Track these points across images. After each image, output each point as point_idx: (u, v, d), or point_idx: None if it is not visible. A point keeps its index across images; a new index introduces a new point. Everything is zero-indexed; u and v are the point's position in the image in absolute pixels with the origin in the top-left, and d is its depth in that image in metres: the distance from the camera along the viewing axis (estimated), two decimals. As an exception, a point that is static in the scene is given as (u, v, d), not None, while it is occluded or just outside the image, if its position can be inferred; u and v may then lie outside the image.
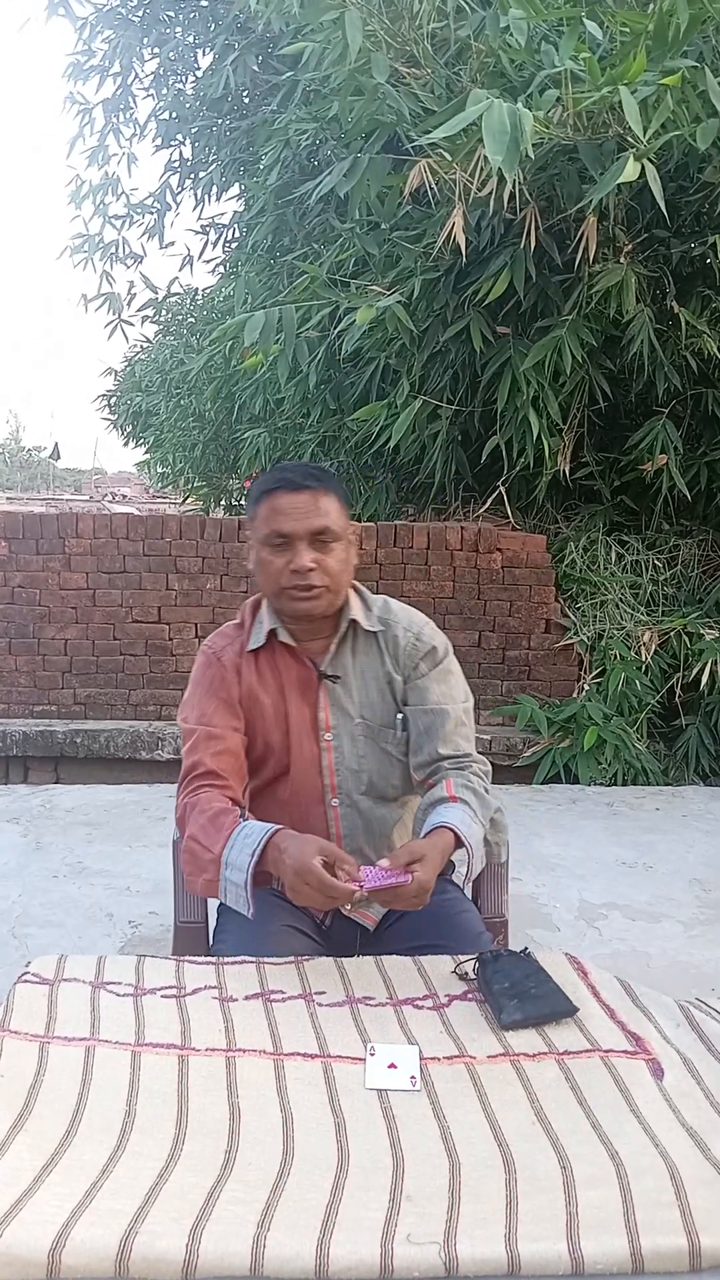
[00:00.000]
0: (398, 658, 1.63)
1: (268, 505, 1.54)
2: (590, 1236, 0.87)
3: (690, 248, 4.49)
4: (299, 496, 1.52)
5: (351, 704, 1.63)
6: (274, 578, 1.54)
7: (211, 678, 1.63)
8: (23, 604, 4.83)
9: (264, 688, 1.62)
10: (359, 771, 1.63)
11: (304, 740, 1.62)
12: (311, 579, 1.52)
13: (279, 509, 1.52)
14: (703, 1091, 1.09)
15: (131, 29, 6.46)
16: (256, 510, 1.56)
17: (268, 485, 1.56)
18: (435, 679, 1.63)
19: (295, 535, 1.52)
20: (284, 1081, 1.10)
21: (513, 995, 1.23)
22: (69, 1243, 0.85)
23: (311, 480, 1.54)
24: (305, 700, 1.62)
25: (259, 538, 1.56)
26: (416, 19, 4.01)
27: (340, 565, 1.56)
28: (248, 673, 1.62)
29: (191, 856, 1.47)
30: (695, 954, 2.87)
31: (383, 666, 1.63)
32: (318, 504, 1.53)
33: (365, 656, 1.64)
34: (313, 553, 1.53)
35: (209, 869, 1.43)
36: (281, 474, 1.56)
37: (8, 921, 2.94)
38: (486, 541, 4.94)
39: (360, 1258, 0.85)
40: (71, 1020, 1.20)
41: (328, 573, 1.54)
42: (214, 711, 1.60)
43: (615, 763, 4.57)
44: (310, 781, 1.63)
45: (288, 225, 5.72)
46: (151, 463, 12.93)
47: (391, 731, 1.64)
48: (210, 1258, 0.85)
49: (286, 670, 1.63)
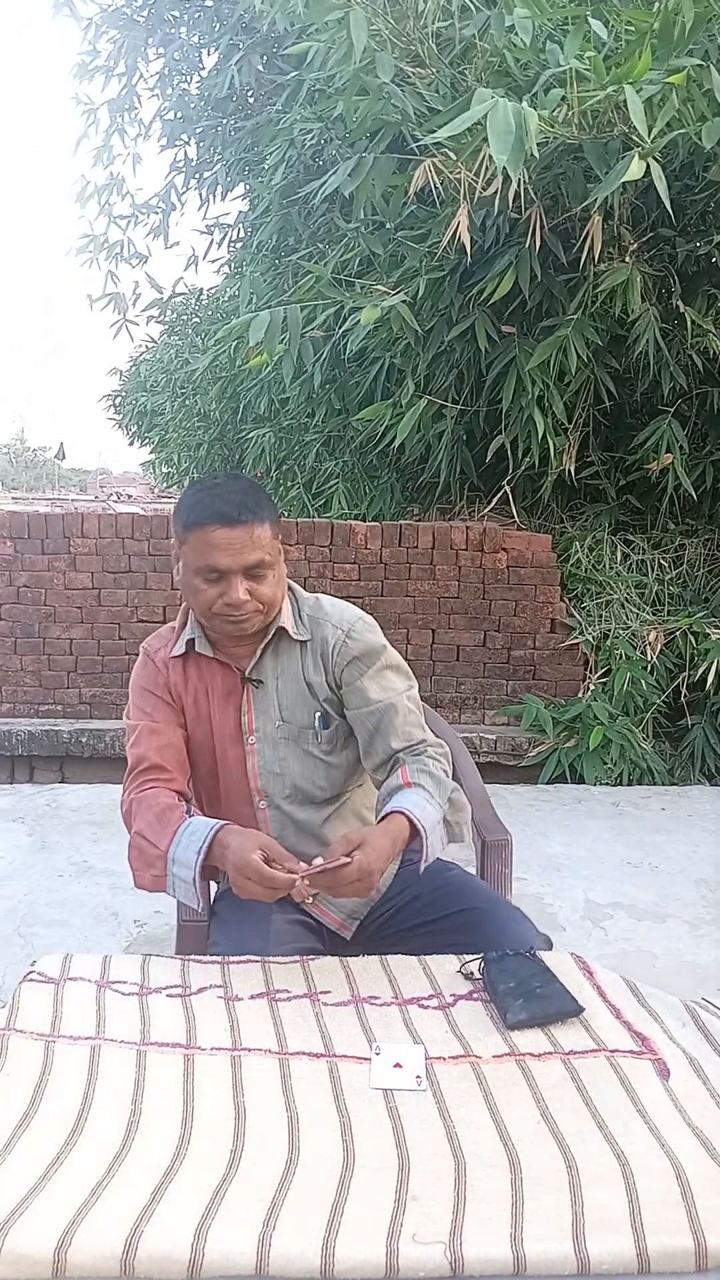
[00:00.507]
0: (326, 656, 1.61)
1: (200, 537, 1.49)
2: (596, 1236, 0.87)
3: (696, 246, 4.48)
4: (234, 532, 1.47)
5: (273, 707, 1.62)
6: (205, 605, 1.52)
7: (146, 676, 1.64)
8: (28, 604, 4.84)
9: (188, 691, 1.63)
10: (281, 775, 1.63)
11: (228, 744, 1.63)
12: (245, 608, 1.51)
13: (213, 543, 1.47)
14: (708, 1091, 1.09)
15: (136, 29, 6.46)
16: (187, 536, 1.51)
17: (200, 518, 1.49)
18: (372, 677, 1.60)
19: (230, 570, 1.49)
20: (289, 1081, 1.10)
21: (518, 995, 1.23)
22: (74, 1241, 0.85)
23: (246, 514, 1.48)
24: (229, 704, 1.62)
25: (190, 564, 1.52)
26: (421, 18, 4.01)
27: (273, 589, 1.54)
28: (175, 675, 1.63)
29: (139, 852, 1.49)
30: (701, 954, 2.87)
31: (302, 669, 1.62)
32: (252, 537, 1.48)
33: (287, 659, 1.62)
34: (247, 583, 1.50)
35: (156, 865, 1.45)
36: (214, 505, 1.49)
37: (13, 921, 2.94)
38: (492, 541, 4.94)
39: (365, 1257, 0.85)
40: (77, 1019, 1.20)
41: (261, 599, 1.52)
42: (153, 708, 1.62)
43: (621, 762, 4.56)
44: (237, 785, 1.64)
45: (293, 225, 5.72)
46: (156, 462, 12.96)
47: (311, 731, 1.62)
48: (215, 1257, 0.85)
49: (211, 676, 1.63)
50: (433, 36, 4.11)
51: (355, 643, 1.61)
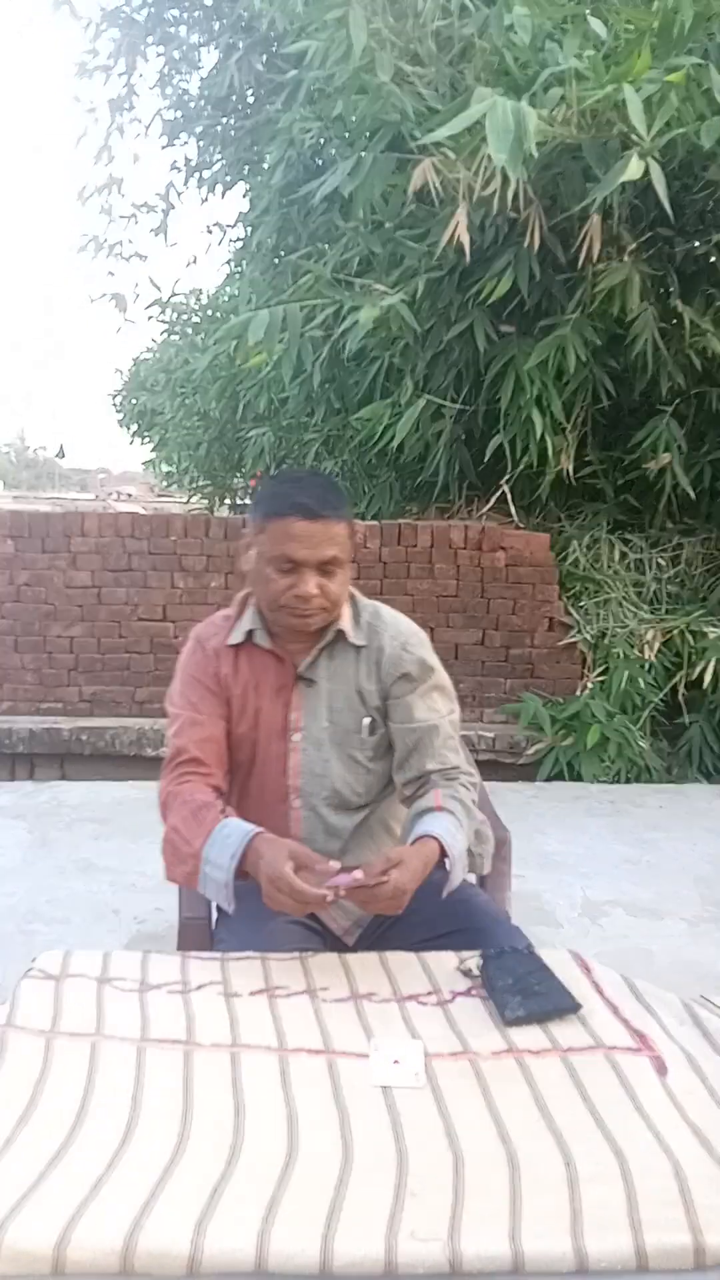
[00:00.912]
0: (380, 666, 1.63)
1: (279, 527, 1.51)
2: (594, 1234, 0.87)
3: (694, 246, 4.49)
4: (313, 525, 1.50)
5: (322, 708, 1.63)
6: (274, 596, 1.54)
7: (195, 663, 1.64)
8: (29, 602, 4.84)
9: (238, 682, 1.63)
10: (323, 776, 1.63)
11: (271, 740, 1.63)
12: (313, 603, 1.53)
13: (292, 534, 1.50)
14: (706, 1089, 1.09)
15: (136, 28, 6.46)
16: (265, 525, 1.54)
17: (281, 509, 1.52)
18: (420, 695, 1.63)
19: (304, 563, 1.51)
20: (288, 1077, 1.10)
21: (516, 992, 1.23)
22: (74, 1238, 0.86)
23: (327, 509, 1.51)
24: (279, 700, 1.63)
25: (265, 553, 1.54)
26: (420, 17, 4.01)
27: (341, 587, 1.57)
28: (225, 665, 1.63)
29: (171, 847, 1.50)
30: (698, 951, 2.87)
31: (356, 675, 1.63)
32: (330, 533, 1.52)
33: (341, 663, 1.63)
34: (318, 578, 1.53)
35: (188, 862, 1.46)
36: (296, 498, 1.52)
37: (14, 918, 2.95)
38: (490, 540, 4.94)
39: (364, 1253, 0.86)
40: (77, 1016, 1.20)
41: (328, 596, 1.54)
42: (199, 698, 1.61)
43: (618, 760, 4.57)
44: (274, 781, 1.64)
45: (292, 224, 5.72)
46: (156, 462, 12.96)
47: (358, 737, 1.64)
48: (215, 1253, 0.85)
49: (264, 669, 1.63)
50: (432, 35, 4.11)
51: (409, 657, 1.63)
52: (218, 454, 9.29)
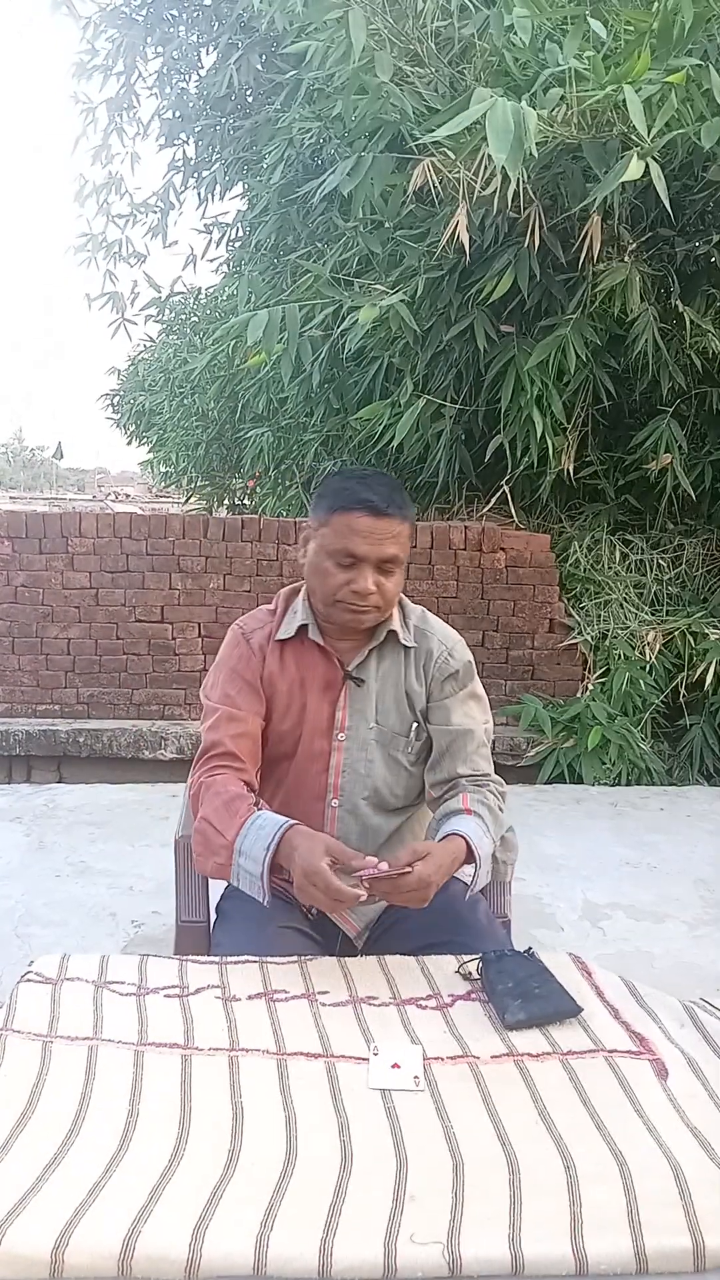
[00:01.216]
0: (427, 669, 1.64)
1: (343, 521, 1.52)
2: (594, 1237, 0.87)
3: (695, 246, 4.48)
4: (378, 522, 1.51)
5: (370, 708, 1.63)
6: (331, 589, 1.55)
7: (238, 657, 1.63)
8: (26, 603, 4.83)
9: (284, 677, 1.62)
10: (365, 776, 1.63)
11: (315, 737, 1.63)
12: (369, 600, 1.54)
13: (355, 529, 1.51)
14: (707, 1092, 1.09)
15: (135, 28, 6.46)
16: (328, 519, 1.54)
17: (347, 503, 1.53)
18: (461, 700, 1.65)
19: (365, 559, 1.52)
20: (287, 1081, 1.10)
21: (516, 995, 1.23)
22: (72, 1241, 0.85)
23: (393, 508, 1.52)
24: (325, 698, 1.62)
25: (326, 546, 1.54)
26: (420, 17, 4.01)
27: (396, 587, 1.58)
28: (271, 660, 1.63)
29: (203, 838, 1.48)
30: (699, 954, 2.87)
31: (405, 678, 1.64)
32: (393, 531, 1.53)
33: (391, 664, 1.64)
34: (376, 575, 1.53)
35: (220, 854, 1.44)
36: (362, 493, 1.52)
37: (11, 921, 2.94)
38: (490, 541, 4.94)
39: (363, 1257, 0.85)
40: (74, 1019, 1.20)
41: (384, 595, 1.55)
42: (238, 692, 1.61)
43: (619, 763, 4.56)
44: (313, 779, 1.64)
45: (291, 224, 5.72)
46: (155, 462, 12.94)
47: (404, 740, 1.64)
48: (213, 1257, 0.85)
49: (312, 665, 1.63)
50: (432, 35, 4.11)
51: (455, 661, 1.66)
52: (216, 454, 9.28)
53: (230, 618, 4.88)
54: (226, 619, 4.89)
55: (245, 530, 4.90)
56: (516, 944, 1.60)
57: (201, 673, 4.91)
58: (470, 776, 1.61)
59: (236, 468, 9.37)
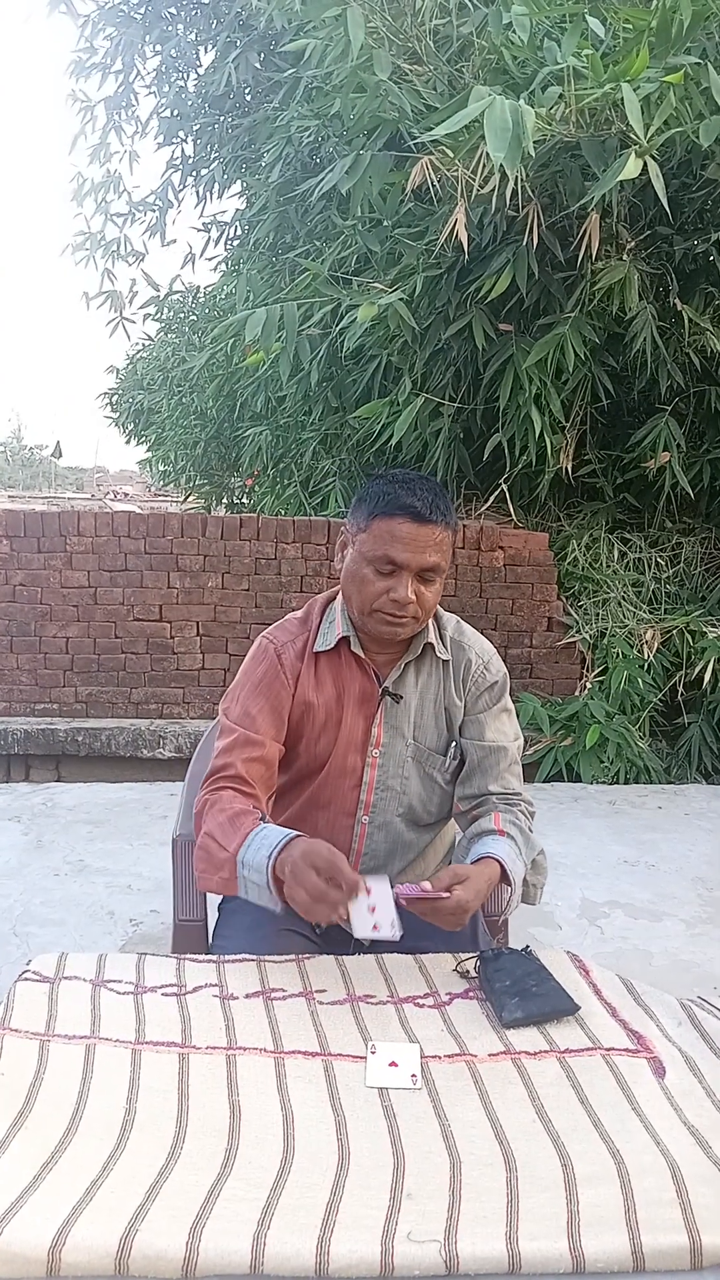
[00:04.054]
0: (465, 682, 1.61)
1: (385, 527, 1.46)
2: (591, 1234, 0.87)
3: (693, 244, 4.48)
4: (421, 529, 1.45)
5: (407, 725, 1.59)
6: (369, 598, 1.49)
7: (265, 675, 1.56)
8: (24, 602, 4.83)
9: (320, 692, 1.57)
10: (401, 794, 1.60)
11: (349, 752, 1.58)
12: (408, 610, 1.48)
13: (397, 536, 1.45)
14: (704, 1090, 1.09)
15: (134, 26, 6.45)
16: (369, 525, 1.48)
17: (389, 508, 1.46)
18: (494, 715, 1.62)
19: (406, 567, 1.46)
20: (284, 1079, 1.10)
21: (514, 993, 1.23)
22: (69, 1240, 0.85)
23: (436, 514, 1.46)
24: (361, 712, 1.57)
25: (365, 553, 1.48)
26: (419, 15, 4.01)
27: (435, 597, 1.52)
28: (306, 674, 1.57)
29: (206, 854, 1.43)
30: (697, 952, 2.87)
31: (444, 693, 1.60)
32: (435, 538, 1.46)
33: (428, 680, 1.60)
34: (417, 584, 1.48)
35: (224, 868, 1.40)
36: (405, 499, 1.45)
37: (9, 920, 2.94)
38: (489, 539, 4.94)
39: (361, 1256, 0.85)
40: (72, 1018, 1.20)
41: (423, 606, 1.50)
42: (259, 713, 1.54)
43: (617, 761, 4.57)
44: (345, 795, 1.59)
45: (289, 222, 5.72)
46: (153, 461, 12.93)
47: (441, 759, 1.61)
48: (210, 1255, 0.85)
49: (349, 679, 1.58)
50: (430, 34, 4.11)
51: (491, 675, 1.63)
52: (215, 453, 9.28)
53: (229, 616, 4.88)
54: (225, 617, 4.89)
55: (244, 529, 4.90)
56: (514, 942, 1.61)
57: (200, 671, 4.91)
58: (501, 795, 1.58)
59: (235, 466, 9.37)
